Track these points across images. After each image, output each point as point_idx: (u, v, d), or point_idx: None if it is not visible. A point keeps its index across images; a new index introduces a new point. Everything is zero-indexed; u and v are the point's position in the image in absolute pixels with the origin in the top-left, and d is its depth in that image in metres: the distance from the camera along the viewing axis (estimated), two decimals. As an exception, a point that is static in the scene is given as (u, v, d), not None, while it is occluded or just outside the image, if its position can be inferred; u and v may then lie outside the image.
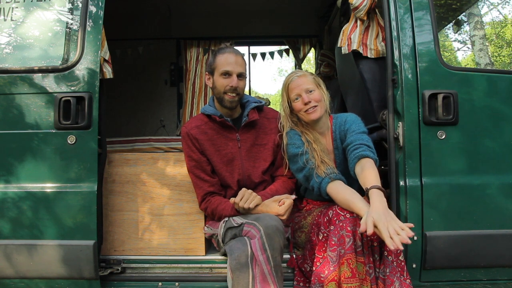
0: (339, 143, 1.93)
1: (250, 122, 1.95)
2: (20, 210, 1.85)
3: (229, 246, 1.70)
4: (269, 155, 1.99)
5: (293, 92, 1.90)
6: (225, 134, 1.95)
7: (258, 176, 1.97)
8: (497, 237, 1.83)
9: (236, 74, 1.87)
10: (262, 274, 1.59)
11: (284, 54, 4.64)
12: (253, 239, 1.65)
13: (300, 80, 1.91)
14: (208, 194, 1.92)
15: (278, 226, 1.65)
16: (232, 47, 1.96)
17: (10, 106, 1.89)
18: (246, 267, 1.60)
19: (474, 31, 8.80)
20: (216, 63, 1.90)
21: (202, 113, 1.98)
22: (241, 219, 1.78)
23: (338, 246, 1.57)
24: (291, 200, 1.80)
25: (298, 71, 1.98)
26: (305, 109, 1.87)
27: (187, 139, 1.92)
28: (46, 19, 1.97)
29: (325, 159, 1.83)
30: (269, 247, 1.60)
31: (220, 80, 1.88)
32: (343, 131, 1.90)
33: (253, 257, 1.61)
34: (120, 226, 2.01)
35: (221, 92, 1.88)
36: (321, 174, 1.78)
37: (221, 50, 1.93)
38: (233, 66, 1.86)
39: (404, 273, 1.59)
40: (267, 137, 2.00)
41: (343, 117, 1.96)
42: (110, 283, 1.95)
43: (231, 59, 1.87)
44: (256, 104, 1.99)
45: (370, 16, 2.15)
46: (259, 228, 1.65)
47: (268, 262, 1.60)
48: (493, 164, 1.87)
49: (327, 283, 1.55)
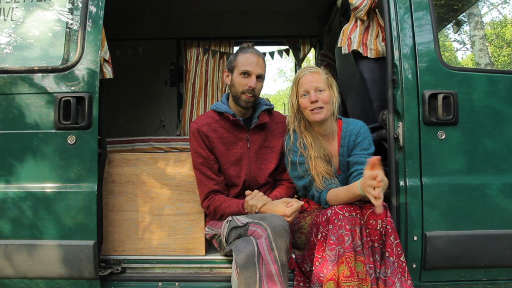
0: (345, 150, 1.88)
1: (260, 124, 1.96)
2: (20, 210, 1.85)
3: (235, 246, 1.68)
4: (275, 158, 2.00)
5: (302, 88, 1.85)
6: (235, 133, 1.95)
7: (264, 178, 1.98)
8: (497, 237, 1.83)
9: (255, 75, 1.88)
10: (269, 273, 1.58)
11: (284, 54, 4.63)
12: (259, 238, 1.64)
13: (311, 77, 1.85)
14: (212, 192, 1.91)
15: (285, 226, 1.64)
16: (253, 48, 1.96)
17: (10, 106, 1.89)
18: (253, 266, 1.59)
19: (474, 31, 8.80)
20: (237, 61, 1.90)
21: (213, 110, 1.98)
22: (246, 218, 1.77)
23: (337, 245, 1.56)
24: (299, 204, 1.78)
25: (312, 66, 1.94)
26: (311, 108, 1.81)
27: (197, 135, 1.91)
28: (46, 19, 1.97)
29: (319, 168, 1.81)
30: (276, 246, 1.59)
31: (239, 79, 1.88)
32: (353, 141, 1.87)
33: (260, 257, 1.60)
34: (120, 226, 2.01)
35: (238, 91, 1.89)
36: (319, 187, 1.80)
37: (244, 49, 1.93)
38: (254, 66, 1.87)
39: (405, 274, 1.60)
40: (275, 140, 2.01)
41: (356, 127, 1.89)
42: (110, 283, 1.95)
43: (252, 59, 1.88)
44: (267, 107, 2.00)
45: (370, 16, 2.15)
46: (265, 227, 1.64)
47: (275, 262, 1.59)
48: (493, 164, 1.87)
49: (326, 282, 1.55)
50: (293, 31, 4.34)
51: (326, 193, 1.78)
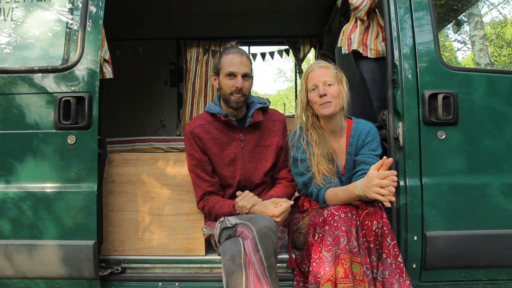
0: (354, 149, 1.87)
1: (254, 123, 1.95)
2: (20, 210, 1.85)
3: (222, 247, 1.69)
4: (271, 157, 1.98)
5: (311, 82, 1.84)
6: (229, 133, 1.95)
7: (260, 177, 1.97)
8: (497, 237, 1.83)
9: (241, 74, 1.86)
10: (256, 275, 1.58)
11: (284, 54, 4.64)
12: (246, 239, 1.64)
13: (320, 71, 1.84)
14: (207, 194, 1.91)
15: (271, 227, 1.63)
16: (237, 47, 1.95)
17: (10, 106, 1.89)
18: (239, 268, 1.59)
19: (474, 31, 8.80)
20: (221, 63, 1.89)
21: (207, 112, 1.97)
22: (235, 219, 1.77)
23: (333, 246, 1.56)
24: (288, 204, 1.77)
25: (321, 61, 1.92)
26: (320, 102, 1.80)
27: (190, 137, 1.91)
28: (46, 19, 1.97)
29: (321, 166, 1.81)
30: (261, 247, 1.59)
31: (225, 81, 1.87)
32: (362, 141, 1.86)
33: (246, 258, 1.60)
34: (120, 226, 2.01)
35: (227, 93, 1.88)
36: (318, 184, 1.79)
37: (226, 50, 1.92)
38: (238, 67, 1.86)
39: (404, 275, 1.59)
40: (270, 139, 1.99)
41: (366, 127, 1.88)
42: (110, 283, 1.95)
43: (235, 59, 1.87)
44: (261, 105, 1.98)
45: (370, 16, 2.15)
46: (252, 228, 1.64)
47: (261, 263, 1.59)
48: (493, 164, 1.87)
49: (323, 283, 1.55)
50: (293, 31, 4.34)
51: (325, 192, 1.77)
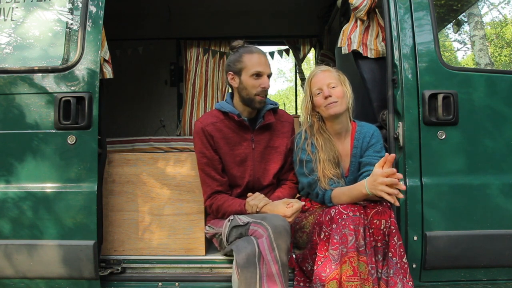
0: (358, 151, 1.89)
1: (265, 124, 1.94)
2: (20, 210, 1.85)
3: (236, 245, 1.68)
4: (280, 159, 1.98)
5: (315, 86, 1.87)
6: (240, 133, 1.93)
7: (268, 179, 1.97)
8: (497, 237, 1.83)
9: (267, 74, 1.86)
10: (270, 273, 1.58)
11: (284, 54, 4.63)
12: (260, 238, 1.63)
13: (323, 75, 1.88)
14: (215, 193, 1.90)
15: (286, 227, 1.64)
16: (256, 47, 1.93)
17: (10, 106, 1.89)
18: (253, 266, 1.58)
19: (474, 31, 8.80)
20: (244, 63, 1.86)
21: (218, 110, 1.95)
22: (247, 218, 1.76)
23: (340, 244, 1.57)
24: (300, 204, 1.78)
25: (323, 66, 1.96)
26: (325, 104, 1.83)
27: (202, 135, 1.89)
28: (46, 19, 1.97)
29: (327, 171, 1.82)
30: (277, 246, 1.59)
31: (250, 81, 1.84)
32: (367, 142, 1.88)
33: (261, 256, 1.59)
34: (120, 226, 2.01)
35: (251, 94, 1.85)
36: (323, 187, 1.81)
37: (248, 49, 1.89)
38: (264, 67, 1.85)
39: (407, 275, 1.60)
40: (279, 140, 1.98)
41: (370, 130, 1.91)
42: (110, 283, 1.95)
43: (261, 59, 1.86)
44: (272, 106, 1.97)
45: (370, 16, 2.15)
46: (266, 227, 1.63)
47: (276, 262, 1.58)
48: (493, 164, 1.87)
49: (328, 282, 1.55)
50: (293, 31, 4.34)
51: (331, 191, 1.79)
